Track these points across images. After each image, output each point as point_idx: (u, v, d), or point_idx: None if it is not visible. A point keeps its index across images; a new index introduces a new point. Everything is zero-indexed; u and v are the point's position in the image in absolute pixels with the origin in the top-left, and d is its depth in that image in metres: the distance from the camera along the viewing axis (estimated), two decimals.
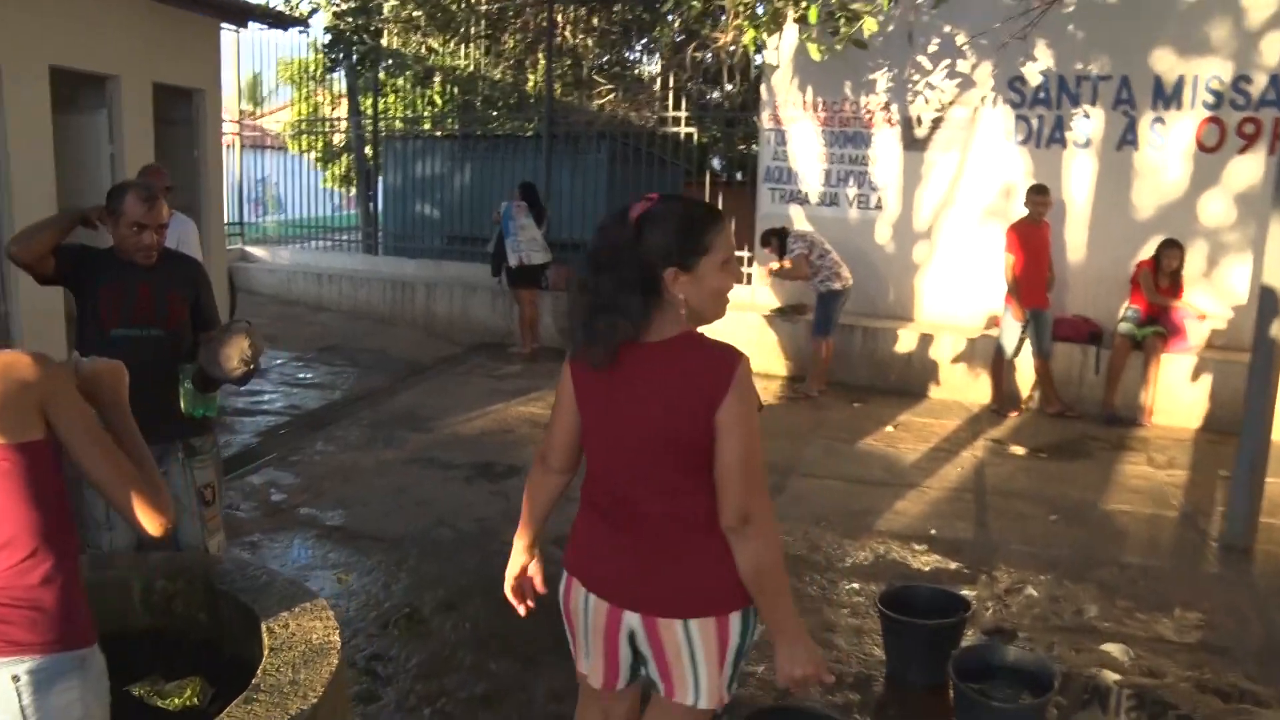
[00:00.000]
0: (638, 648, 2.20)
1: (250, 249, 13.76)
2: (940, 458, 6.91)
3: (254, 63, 20.75)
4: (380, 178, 13.46)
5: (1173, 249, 7.86)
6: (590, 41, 13.63)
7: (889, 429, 7.60)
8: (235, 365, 3.34)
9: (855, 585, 4.67)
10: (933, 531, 5.43)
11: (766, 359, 9.45)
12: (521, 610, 2.46)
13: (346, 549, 5.07)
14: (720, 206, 10.38)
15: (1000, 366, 8.10)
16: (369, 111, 13.97)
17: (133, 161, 9.04)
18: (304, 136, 15.19)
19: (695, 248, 2.06)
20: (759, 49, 9.49)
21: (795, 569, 4.83)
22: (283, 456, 6.64)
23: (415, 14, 11.57)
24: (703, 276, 2.07)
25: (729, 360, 2.06)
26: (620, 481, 2.16)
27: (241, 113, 15.18)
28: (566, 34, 12.85)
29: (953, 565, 4.95)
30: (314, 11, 10.90)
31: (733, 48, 9.18)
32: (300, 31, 11.47)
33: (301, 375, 9.03)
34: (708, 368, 2.05)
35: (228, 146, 14.07)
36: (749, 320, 9.54)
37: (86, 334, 3.53)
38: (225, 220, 14.11)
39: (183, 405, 3.46)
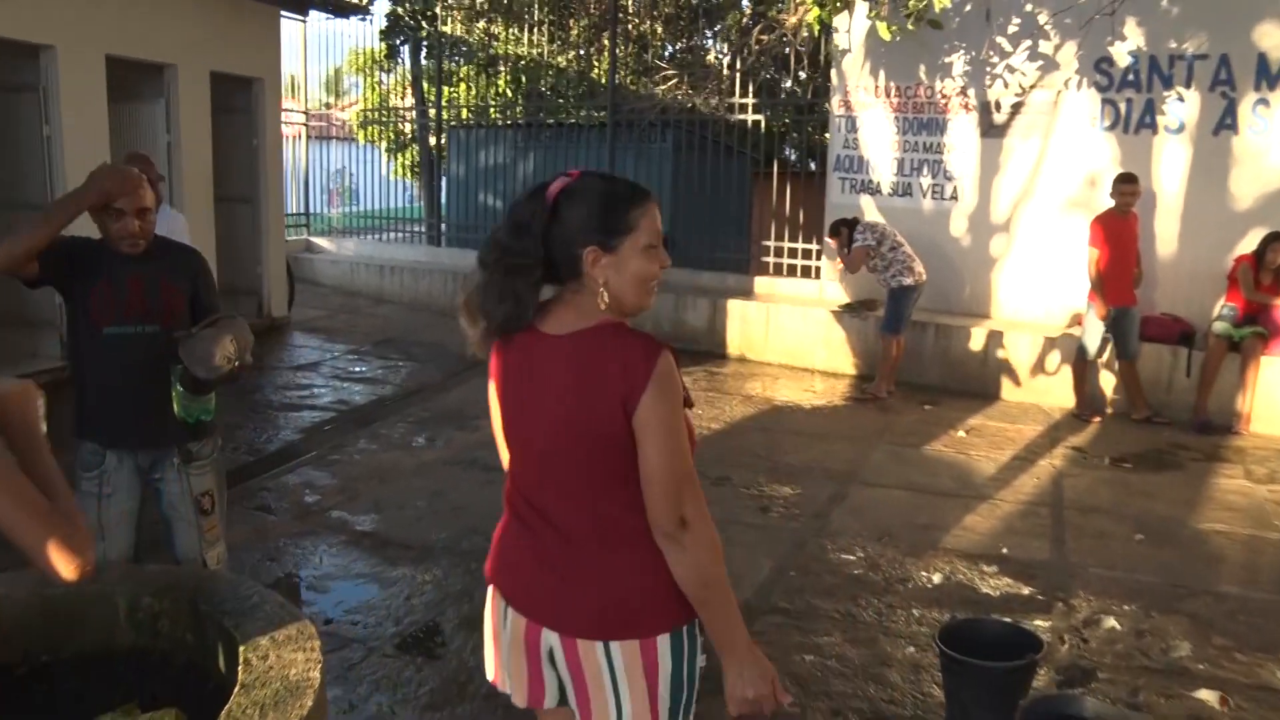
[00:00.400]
0: (558, 670, 1.96)
1: (316, 240, 13.66)
2: (1015, 467, 6.41)
3: (336, 55, 20.71)
4: (445, 168, 13.24)
5: (1277, 243, 7.20)
6: (659, 28, 13.24)
7: (960, 434, 7.11)
8: (218, 363, 3.05)
9: (916, 612, 4.24)
10: (1004, 550, 4.95)
11: (834, 357, 9.00)
12: None
13: (374, 557, 4.79)
14: (790, 197, 10.09)
15: (1082, 368, 7.53)
16: (448, 99, 13.81)
17: (189, 150, 8.96)
18: (373, 127, 15.07)
19: (617, 226, 1.86)
20: (824, 30, 9.01)
21: (850, 591, 4.42)
22: (323, 455, 6.41)
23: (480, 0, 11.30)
24: (625, 259, 1.86)
25: (648, 352, 1.82)
26: (533, 485, 1.95)
27: (314, 104, 15.09)
28: (633, 19, 12.47)
29: (1025, 590, 4.49)
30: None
31: (800, 31, 8.69)
32: (361, 19, 11.31)
33: (354, 369, 8.83)
34: (623, 360, 1.81)
35: (295, 137, 14.01)
36: (816, 316, 9.09)
37: (78, 334, 3.28)
38: (293, 210, 14.12)
39: (175, 409, 3.18)
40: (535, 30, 12.29)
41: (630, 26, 12.65)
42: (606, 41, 11.85)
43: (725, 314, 9.67)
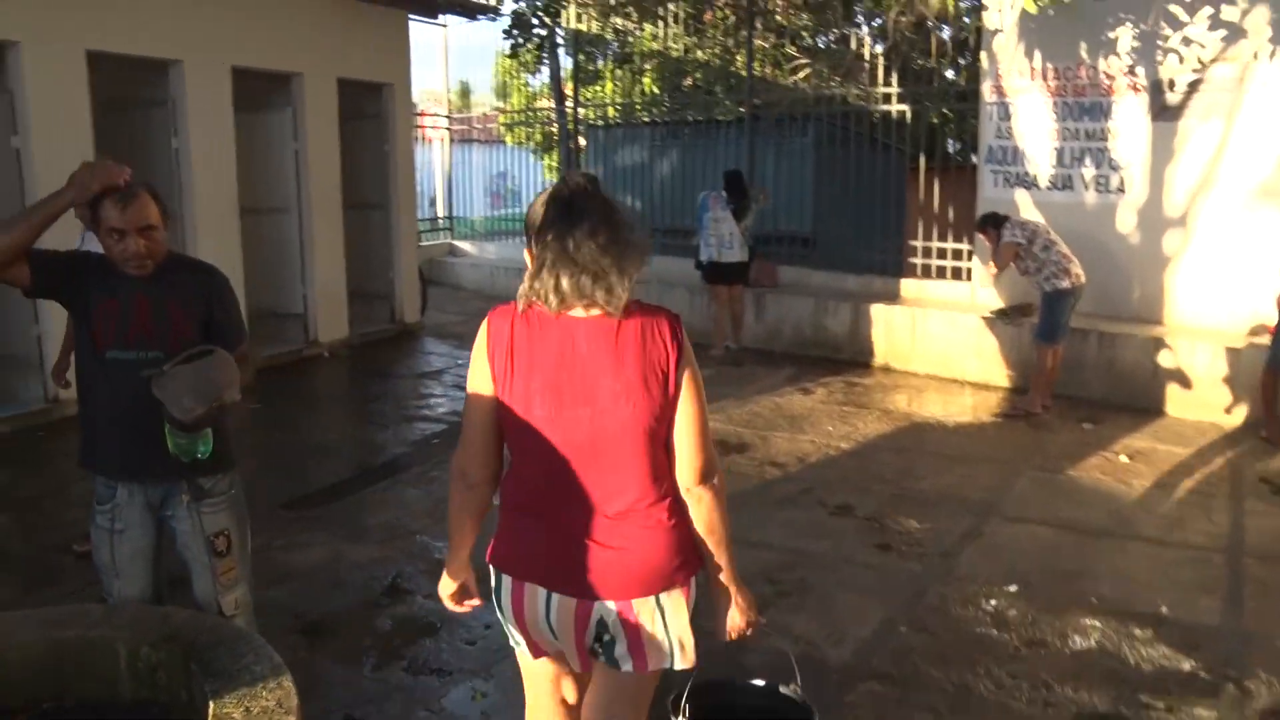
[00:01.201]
0: (606, 631, 2.14)
1: (458, 243, 13.62)
2: (1185, 502, 5.53)
3: (485, 58, 20.76)
4: (584, 168, 12.94)
5: None
6: (806, 17, 12.55)
7: (1122, 458, 6.24)
8: (189, 406, 2.70)
9: (1046, 689, 3.55)
10: (1164, 609, 4.17)
11: (985, 367, 8.20)
12: (465, 608, 2.42)
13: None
14: (944, 193, 9.26)
15: (1272, 384, 6.50)
16: (588, 98, 13.53)
17: (316, 158, 8.91)
18: (519, 128, 14.96)
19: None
20: (960, 9, 8.19)
21: (969, 654, 3.77)
22: (425, 471, 6.14)
23: None
24: None
25: (672, 320, 2.07)
26: (588, 462, 2.06)
27: (460, 107, 15.06)
28: (775, 6, 11.83)
29: (1186, 665, 3.72)
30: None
31: (946, 10, 7.92)
32: (491, 19, 11.10)
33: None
34: (658, 330, 2.04)
35: (437, 141, 14.01)
36: (966, 322, 8.30)
37: (82, 356, 3.03)
38: (440, 214, 14.14)
39: (169, 445, 2.86)
40: (672, 24, 11.80)
41: (774, 15, 12.01)
42: (744, 34, 11.27)
43: (868, 320, 8.97)
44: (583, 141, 12.82)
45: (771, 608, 4.21)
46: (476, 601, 2.42)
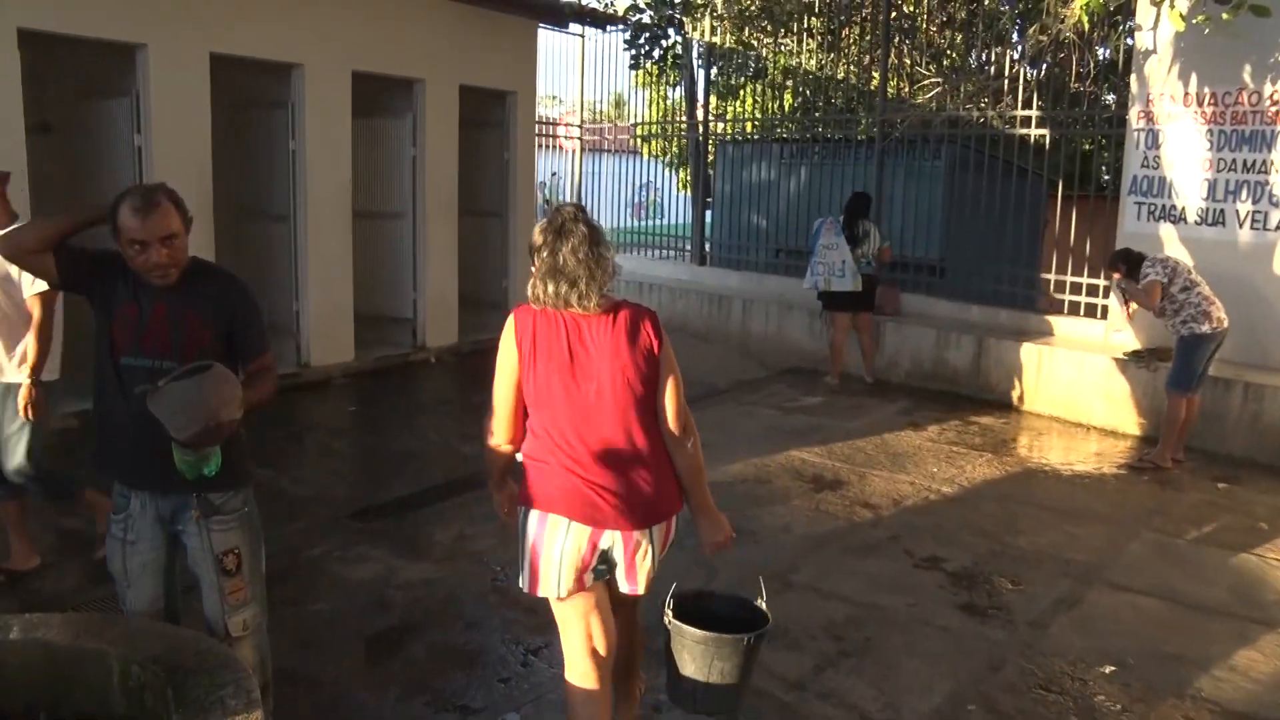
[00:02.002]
0: (609, 557, 2.77)
1: None
2: None
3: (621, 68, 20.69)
4: (715, 183, 12.68)
5: None
6: (950, 34, 11.98)
7: (1260, 525, 5.58)
8: (181, 424, 2.58)
9: None
10: None
11: (1115, 413, 7.57)
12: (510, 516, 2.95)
13: (504, 612, 4.23)
14: (1084, 223, 8.62)
15: None
16: (719, 112, 13.27)
17: (434, 164, 8.94)
18: (655, 140, 14.81)
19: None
20: (1099, 24, 7.58)
21: None
22: None
23: (748, 6, 10.58)
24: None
25: (651, 314, 2.80)
26: (599, 428, 2.70)
27: (597, 117, 15.03)
28: (916, 22, 11.32)
29: None
30: (633, 8, 10.30)
31: (1091, 28, 7.33)
32: (623, 30, 10.95)
33: None
34: (644, 322, 2.76)
35: (572, 151, 13.97)
36: (1096, 363, 7.69)
37: (99, 360, 2.97)
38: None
39: (175, 462, 2.75)
40: (807, 39, 11.43)
41: (918, 33, 11.50)
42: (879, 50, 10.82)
43: (992, 354, 8.42)
44: (712, 156, 12.58)
45: (829, 669, 3.86)
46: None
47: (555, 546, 2.73)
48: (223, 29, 7.20)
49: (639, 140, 14.04)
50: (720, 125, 12.71)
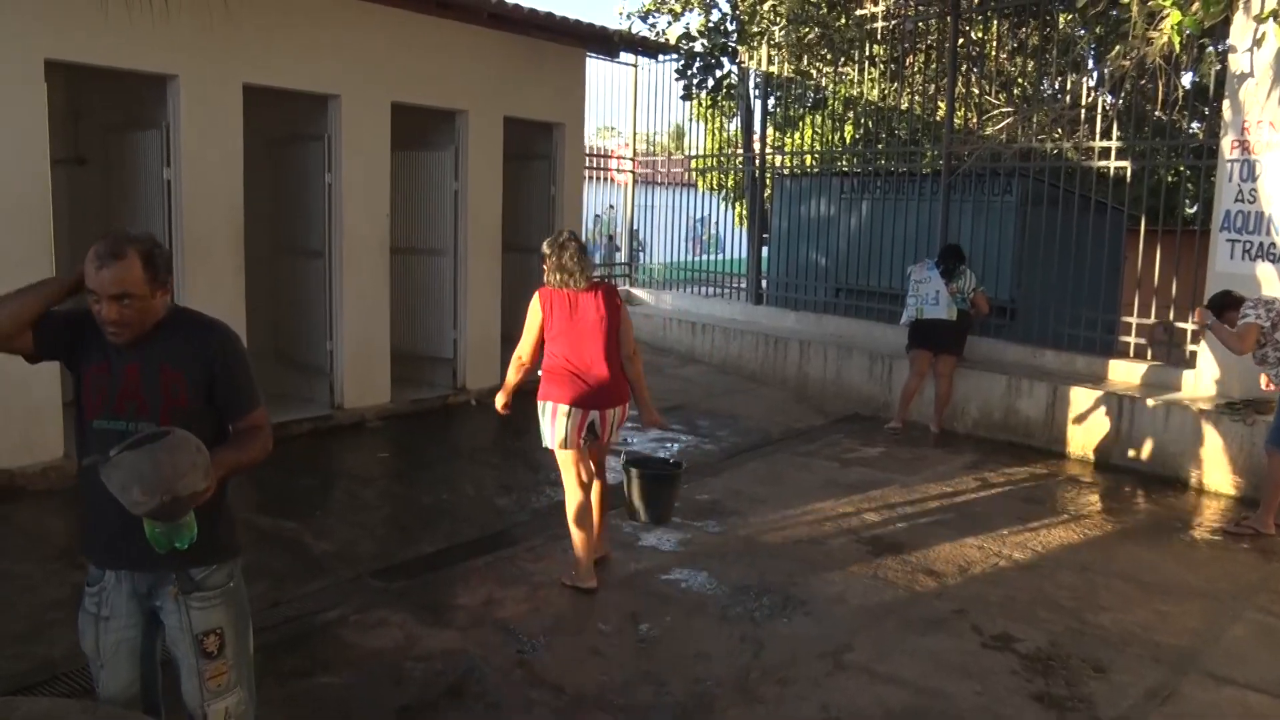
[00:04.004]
0: (593, 428, 4.90)
1: (636, 291, 13.32)
2: None
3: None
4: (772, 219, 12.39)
5: None
6: (1026, 61, 11.59)
7: None
8: (134, 500, 2.34)
9: None
10: None
11: (1208, 470, 7.13)
12: (504, 410, 5.15)
13: (528, 691, 3.94)
14: (1168, 262, 8.19)
15: None
16: (776, 144, 13.01)
17: (477, 198, 8.78)
18: (713, 174, 14.61)
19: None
20: (1189, 46, 7.16)
21: None
22: (532, 547, 5.70)
23: (807, 34, 10.31)
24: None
25: (614, 288, 5.07)
26: (588, 355, 4.85)
27: (650, 149, 14.87)
28: (991, 52, 10.97)
29: None
30: (685, 37, 10.09)
31: (1176, 50, 6.93)
32: (675, 59, 10.77)
33: (623, 441, 8.09)
34: (613, 291, 5.01)
35: (625, 184, 13.80)
36: (1185, 416, 7.25)
37: (79, 426, 2.76)
38: (621, 259, 13.91)
39: (146, 533, 2.51)
40: (869, 67, 11.12)
41: (987, 60, 11.15)
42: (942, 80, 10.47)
43: (1067, 404, 7.99)
44: (769, 190, 12.32)
45: None
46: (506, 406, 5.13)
47: (562, 421, 4.87)
48: (256, 59, 7.09)
49: (695, 173, 13.83)
50: (778, 158, 12.46)
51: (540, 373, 4.93)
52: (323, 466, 7.18)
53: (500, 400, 5.09)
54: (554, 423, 4.85)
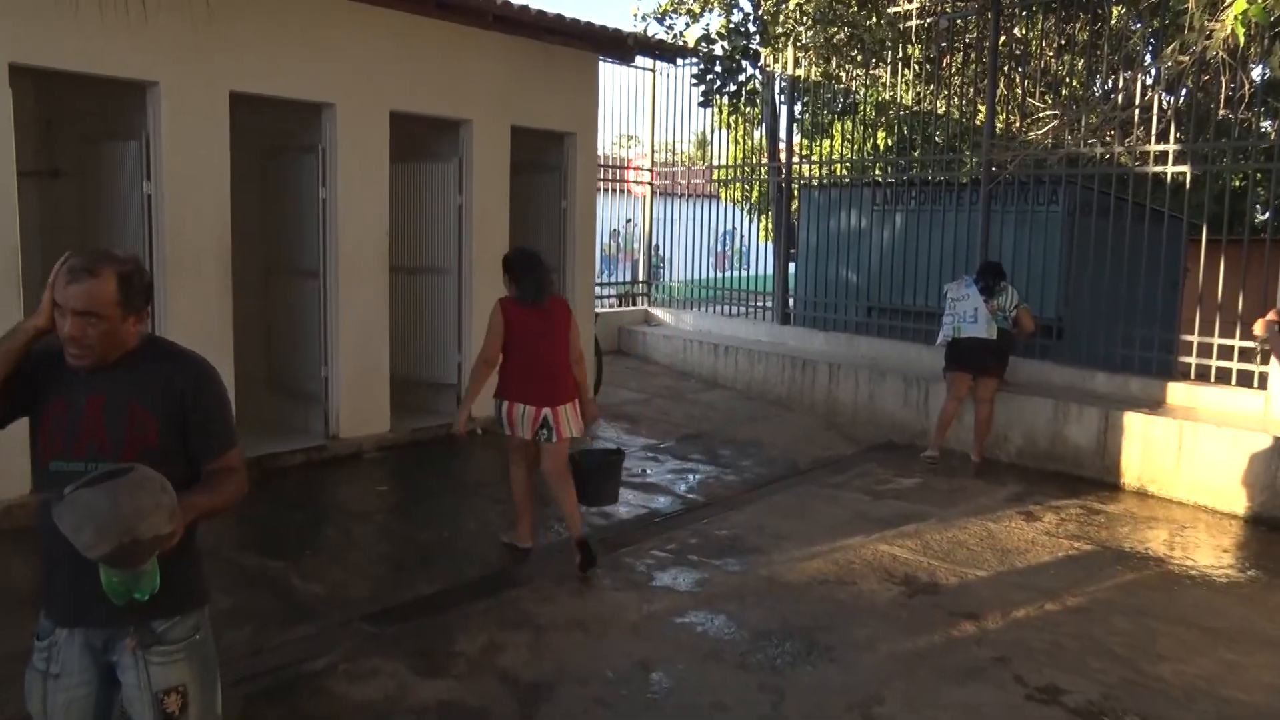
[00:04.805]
0: (545, 423, 5.77)
1: (655, 311, 13.26)
2: None
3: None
4: (799, 233, 12.31)
5: None
6: (1074, 60, 11.46)
7: None
8: (88, 542, 2.27)
9: None
10: None
11: (1278, 503, 6.93)
12: (465, 433, 5.97)
13: None
14: (1234, 274, 8.03)
15: None
16: (804, 153, 12.95)
17: (483, 213, 8.76)
18: (736, 185, 14.53)
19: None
20: (1258, 37, 7.02)
21: None
22: (539, 589, 5.61)
23: (835, 35, 10.23)
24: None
25: (566, 304, 6.07)
26: (544, 358, 5.75)
27: (667, 159, 14.82)
28: (1035, 51, 10.84)
29: None
30: (704, 39, 10.02)
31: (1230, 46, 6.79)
32: (695, 63, 10.71)
33: (639, 471, 8.03)
34: (567, 307, 6.00)
35: (643, 196, 13.77)
36: (1253, 442, 7.13)
37: (35, 467, 2.68)
38: (638, 278, 13.87)
39: (102, 582, 2.43)
40: (903, 69, 11.02)
41: (1031, 60, 11.03)
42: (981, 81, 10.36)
43: (1120, 430, 7.84)
44: (796, 202, 12.24)
45: None
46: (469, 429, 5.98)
47: (517, 415, 5.77)
48: (244, 64, 7.07)
49: (718, 184, 13.77)
50: (805, 167, 12.38)
51: (497, 374, 5.86)
52: (315, 501, 7.11)
53: (462, 419, 5.85)
54: (513, 418, 5.80)
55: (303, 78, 7.44)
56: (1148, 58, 9.78)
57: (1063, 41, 11.03)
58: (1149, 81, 8.67)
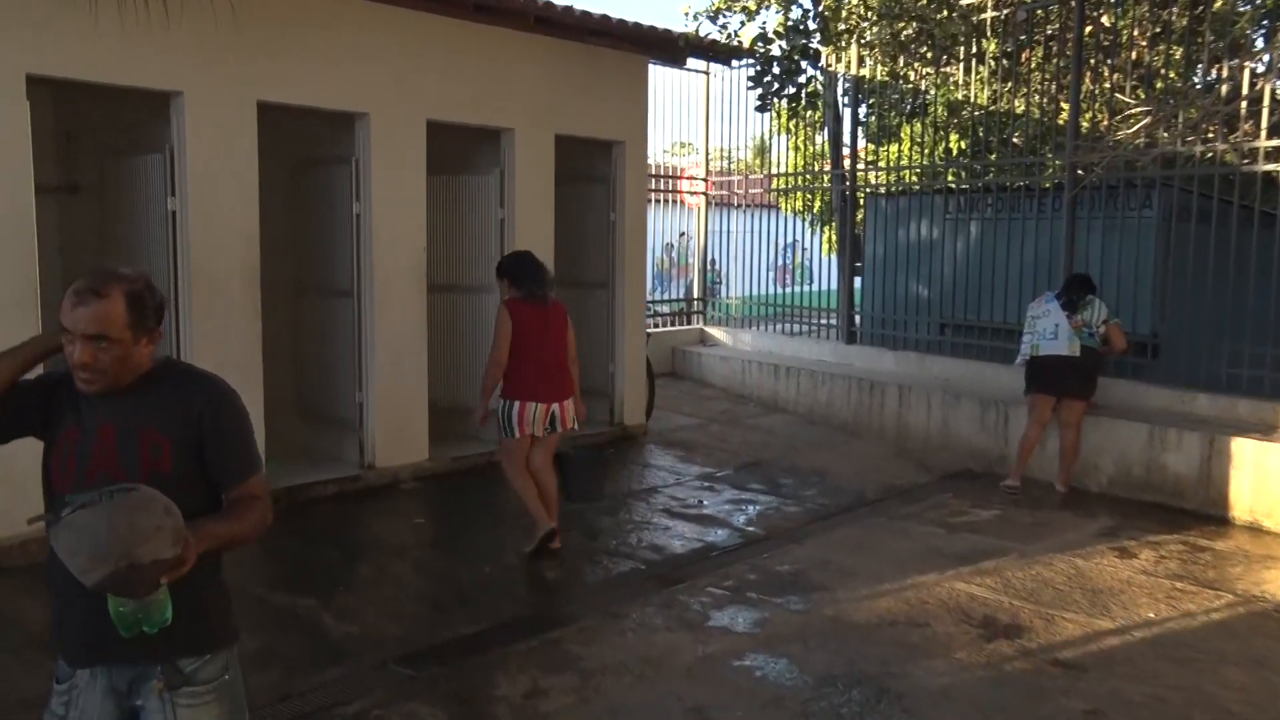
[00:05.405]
0: (554, 417, 6.51)
1: (711, 330, 13.21)
2: None
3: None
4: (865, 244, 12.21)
5: None
6: (1172, 49, 11.20)
7: None
8: (83, 566, 2.25)
9: None
10: None
11: None
12: (484, 424, 6.73)
13: None
14: None
15: None
16: (870, 159, 12.85)
17: (525, 227, 8.79)
18: (797, 194, 14.49)
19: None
20: None
21: None
22: (586, 628, 5.58)
23: (903, 30, 10.13)
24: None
25: (564, 307, 6.78)
26: (548, 358, 6.47)
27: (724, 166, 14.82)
28: (1127, 40, 10.63)
29: None
30: (761, 39, 9.95)
31: None
32: (752, 64, 10.66)
33: (694, 502, 7.98)
34: (563, 311, 6.72)
35: (699, 207, 13.75)
36: None
37: (48, 499, 2.69)
38: (693, 295, 13.84)
39: (110, 613, 2.40)
40: (978, 65, 10.89)
41: (1122, 50, 10.83)
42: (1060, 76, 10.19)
43: (1228, 458, 7.66)
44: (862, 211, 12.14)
45: None
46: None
47: (530, 414, 6.40)
48: (272, 73, 7.15)
49: (777, 194, 13.71)
50: (872, 174, 12.28)
51: (504, 376, 6.48)
52: (348, 535, 7.14)
53: (483, 412, 6.58)
54: (524, 417, 6.40)
55: (335, 86, 7.51)
56: (1259, 42, 9.53)
57: (1158, 29, 10.79)
58: (1259, 70, 8.44)
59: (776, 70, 10.55)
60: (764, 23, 10.23)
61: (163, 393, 2.65)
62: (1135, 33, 10.70)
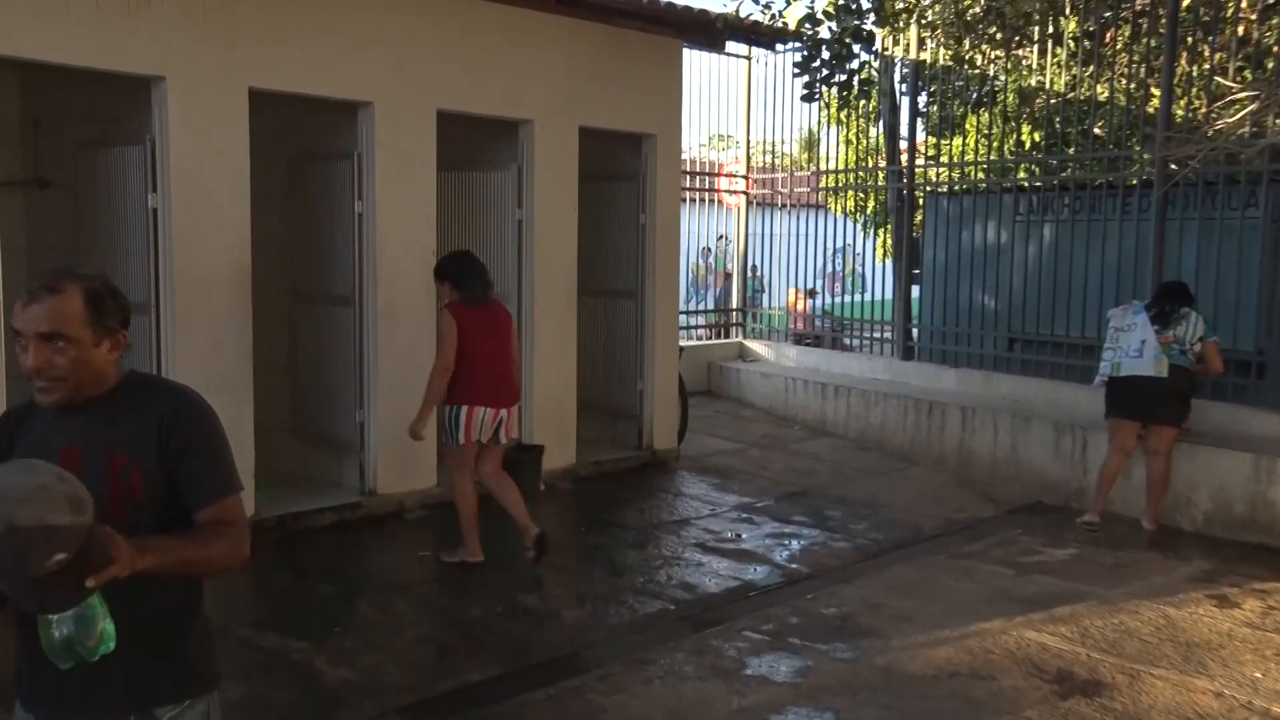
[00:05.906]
0: (500, 424, 7.07)
1: (751, 344, 13.20)
2: None
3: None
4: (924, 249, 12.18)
5: None
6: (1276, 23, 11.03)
7: None
8: None
9: None
10: None
11: None
12: (422, 439, 7.21)
13: None
14: None
15: None
16: (930, 154, 12.80)
17: (546, 229, 8.82)
18: (848, 193, 14.47)
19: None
20: None
21: None
22: (609, 675, 5.57)
23: (969, 9, 10.07)
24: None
25: (506, 309, 7.47)
26: (497, 361, 7.03)
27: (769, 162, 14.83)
28: (1230, 13, 10.49)
29: None
30: (808, 20, 9.90)
31: None
32: (801, 48, 10.64)
33: (731, 534, 7.98)
34: (507, 313, 7.41)
35: (728, 208, 13.76)
36: None
37: None
38: (732, 304, 13.85)
39: (42, 641, 2.34)
40: (1054, 48, 10.82)
41: (1220, 27, 10.70)
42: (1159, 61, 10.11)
43: None
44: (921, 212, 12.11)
45: None
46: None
47: (478, 419, 6.86)
48: (265, 57, 7.19)
49: (826, 193, 13.69)
50: (932, 170, 12.26)
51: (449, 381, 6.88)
52: (346, 569, 7.19)
53: (420, 428, 6.99)
54: (471, 422, 6.84)
55: (335, 72, 7.56)
56: None
57: (1269, 0, 10.64)
58: None
59: (826, 54, 10.48)
60: (811, 2, 10.20)
61: (127, 408, 2.61)
62: (1243, 4, 10.53)
